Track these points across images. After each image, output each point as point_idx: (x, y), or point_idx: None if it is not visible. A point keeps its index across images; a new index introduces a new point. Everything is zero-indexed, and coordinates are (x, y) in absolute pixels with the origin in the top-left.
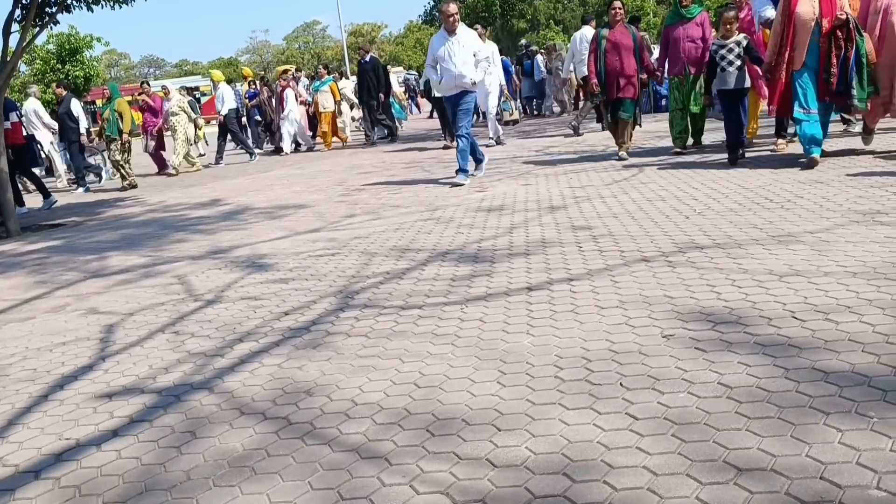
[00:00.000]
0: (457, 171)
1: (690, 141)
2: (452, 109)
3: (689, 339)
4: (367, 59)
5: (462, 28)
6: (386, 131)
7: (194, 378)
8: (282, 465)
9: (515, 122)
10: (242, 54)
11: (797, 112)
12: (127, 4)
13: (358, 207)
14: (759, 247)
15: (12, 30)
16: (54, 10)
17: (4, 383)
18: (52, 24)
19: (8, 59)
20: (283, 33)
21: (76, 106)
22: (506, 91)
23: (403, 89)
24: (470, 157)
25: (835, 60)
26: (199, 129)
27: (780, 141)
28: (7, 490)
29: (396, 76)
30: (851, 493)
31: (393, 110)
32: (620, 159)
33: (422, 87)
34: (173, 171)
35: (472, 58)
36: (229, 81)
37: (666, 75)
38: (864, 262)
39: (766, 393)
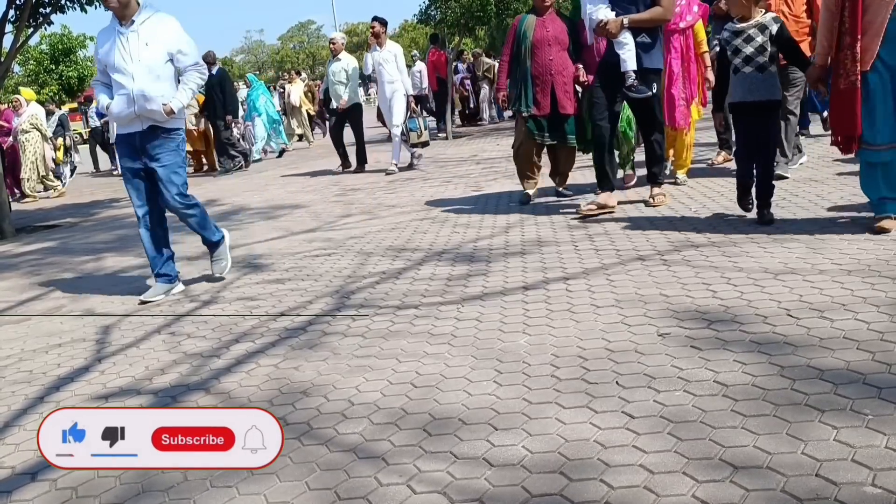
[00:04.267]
0: (213, 243)
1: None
2: (130, 158)
3: (685, 337)
4: (214, 71)
5: (148, 14)
6: (238, 159)
7: (191, 379)
8: (279, 466)
9: (426, 143)
10: (237, 54)
11: (864, 149)
12: None
13: (354, 207)
14: (755, 245)
15: (6, 30)
16: (48, 10)
17: (0, 385)
18: (45, 25)
19: (1, 59)
20: (278, 33)
21: None
22: (413, 105)
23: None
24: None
25: None
26: (58, 148)
27: (723, 154)
28: (4, 492)
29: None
30: (847, 490)
31: (270, 130)
32: (561, 195)
33: (321, 97)
34: (30, 197)
35: (167, 66)
36: None
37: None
38: (858, 259)
39: (762, 391)
